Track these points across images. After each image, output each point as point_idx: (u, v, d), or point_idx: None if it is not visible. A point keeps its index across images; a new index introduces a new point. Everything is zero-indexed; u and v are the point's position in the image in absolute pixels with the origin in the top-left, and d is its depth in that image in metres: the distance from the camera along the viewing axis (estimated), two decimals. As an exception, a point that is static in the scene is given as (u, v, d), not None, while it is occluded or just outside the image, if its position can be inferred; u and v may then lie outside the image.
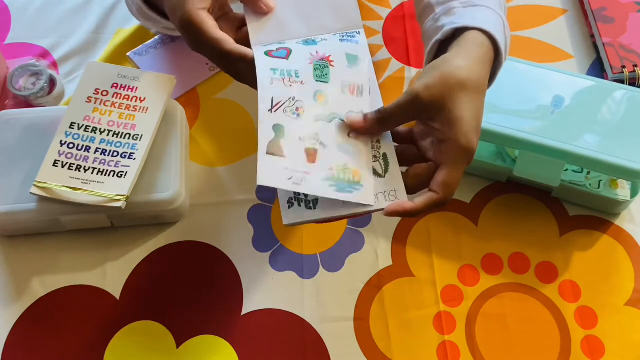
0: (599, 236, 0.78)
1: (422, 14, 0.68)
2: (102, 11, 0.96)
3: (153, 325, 0.73)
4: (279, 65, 0.59)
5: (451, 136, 0.55)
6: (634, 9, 0.93)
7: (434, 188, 0.56)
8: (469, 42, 0.59)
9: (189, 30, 0.58)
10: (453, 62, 0.57)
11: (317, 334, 0.72)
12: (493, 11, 0.62)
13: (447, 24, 0.61)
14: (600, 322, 0.73)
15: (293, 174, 0.55)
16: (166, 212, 0.76)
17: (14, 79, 0.88)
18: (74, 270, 0.75)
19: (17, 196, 0.73)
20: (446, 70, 0.56)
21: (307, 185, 0.55)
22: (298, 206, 0.55)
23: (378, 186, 0.56)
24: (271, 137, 0.56)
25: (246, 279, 0.75)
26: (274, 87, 0.58)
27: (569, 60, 0.92)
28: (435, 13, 0.64)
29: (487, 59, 0.59)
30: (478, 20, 0.60)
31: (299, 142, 0.56)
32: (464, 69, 0.56)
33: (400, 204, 0.55)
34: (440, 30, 0.61)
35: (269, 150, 0.55)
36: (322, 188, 0.55)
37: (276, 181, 0.54)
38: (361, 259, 0.77)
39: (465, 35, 0.59)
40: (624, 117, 0.76)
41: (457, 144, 0.55)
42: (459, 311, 0.73)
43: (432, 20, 0.64)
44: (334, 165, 0.56)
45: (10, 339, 0.72)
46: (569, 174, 0.78)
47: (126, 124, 0.76)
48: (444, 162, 0.56)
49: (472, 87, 0.56)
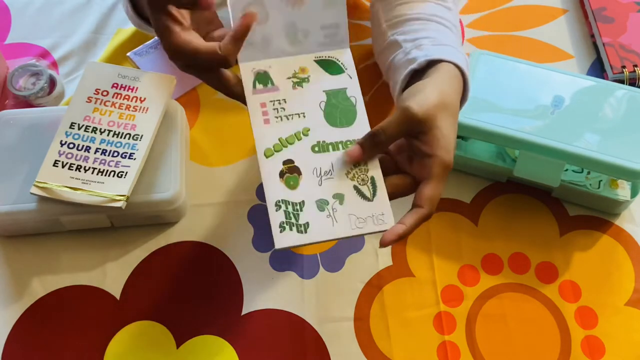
0: (599, 236, 0.78)
1: (385, 50, 0.72)
2: (102, 11, 0.96)
3: (153, 325, 0.73)
4: (266, 98, 0.61)
5: (437, 152, 0.57)
6: (634, 9, 0.93)
7: (420, 203, 0.57)
8: (445, 72, 0.63)
9: (160, 30, 0.58)
10: (438, 86, 0.61)
11: (317, 334, 0.72)
12: (458, 51, 0.67)
13: (420, 56, 0.65)
14: (600, 322, 0.73)
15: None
16: (166, 212, 0.76)
17: (14, 79, 0.88)
18: (74, 270, 0.76)
19: (17, 196, 0.73)
20: (434, 91, 0.59)
21: (328, 230, 0.57)
22: (290, 230, 0.56)
23: (366, 210, 0.57)
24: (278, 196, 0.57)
25: (246, 279, 0.75)
26: (266, 128, 0.60)
27: (569, 60, 0.92)
28: (404, 48, 0.68)
29: (459, 89, 0.64)
30: (450, 55, 0.64)
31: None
32: (447, 94, 0.61)
33: (394, 231, 0.56)
34: (412, 61, 0.65)
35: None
36: (343, 228, 0.57)
37: (295, 239, 0.56)
38: (361, 259, 0.77)
39: (441, 65, 0.63)
40: (624, 117, 0.76)
41: (442, 159, 0.57)
42: (459, 311, 0.73)
43: (403, 54, 0.68)
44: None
45: (10, 339, 0.72)
46: (569, 174, 0.78)
47: (126, 124, 0.76)
48: (428, 177, 0.58)
49: (452, 110, 0.60)
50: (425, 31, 0.69)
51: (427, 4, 0.72)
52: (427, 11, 0.71)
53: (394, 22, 0.72)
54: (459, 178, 0.81)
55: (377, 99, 0.87)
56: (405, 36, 0.69)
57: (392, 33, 0.71)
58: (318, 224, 0.57)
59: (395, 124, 0.57)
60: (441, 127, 0.58)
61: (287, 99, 0.61)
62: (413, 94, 0.59)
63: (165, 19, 0.58)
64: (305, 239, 0.56)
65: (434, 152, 0.57)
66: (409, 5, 0.72)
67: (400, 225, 0.57)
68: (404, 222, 0.57)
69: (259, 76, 0.62)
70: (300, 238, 0.56)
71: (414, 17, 0.70)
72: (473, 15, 0.97)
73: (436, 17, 0.70)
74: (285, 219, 0.57)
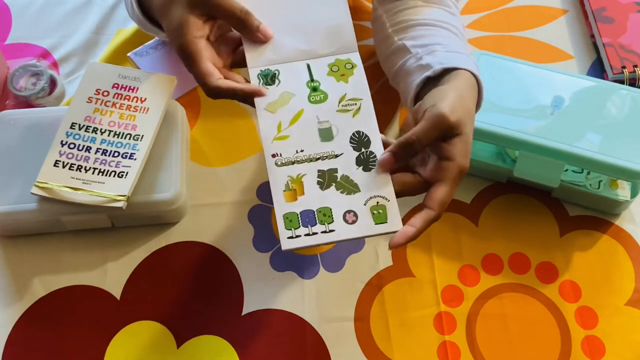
0: (599, 236, 0.78)
1: (392, 54, 0.72)
2: (102, 11, 0.96)
3: (153, 325, 0.73)
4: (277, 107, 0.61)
5: (457, 157, 0.57)
6: (634, 9, 0.93)
7: (430, 205, 0.57)
8: (463, 80, 0.63)
9: (186, 58, 0.62)
10: (461, 93, 0.61)
11: (318, 334, 0.72)
12: (469, 58, 0.67)
13: (435, 63, 0.64)
14: (600, 322, 0.73)
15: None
16: (166, 213, 0.76)
17: (15, 79, 0.88)
18: (74, 270, 0.76)
19: (17, 196, 0.73)
20: (459, 98, 0.59)
21: (338, 232, 0.57)
22: (297, 231, 0.56)
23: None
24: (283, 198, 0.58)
25: (246, 279, 0.75)
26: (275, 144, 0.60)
27: (569, 60, 0.92)
28: (414, 53, 0.68)
29: (475, 96, 0.64)
30: (464, 63, 0.64)
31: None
32: (469, 101, 0.62)
33: (405, 234, 0.56)
34: (426, 68, 0.65)
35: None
36: (352, 229, 0.57)
37: (303, 241, 0.56)
38: (361, 259, 0.77)
39: (458, 73, 0.63)
40: (624, 117, 0.76)
41: (460, 164, 0.58)
42: (459, 311, 0.73)
43: (414, 59, 0.67)
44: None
45: (11, 339, 0.72)
46: (569, 174, 0.78)
47: (127, 125, 0.76)
48: (443, 180, 0.57)
49: (473, 117, 0.61)
50: (434, 37, 0.69)
51: (433, 9, 0.72)
52: (433, 17, 0.71)
53: (400, 26, 0.71)
54: (459, 178, 0.81)
55: (377, 99, 0.87)
56: (414, 41, 0.69)
57: (399, 38, 0.71)
58: (328, 226, 0.57)
59: (429, 131, 0.57)
60: (467, 134, 0.58)
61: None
62: (440, 100, 0.59)
63: (195, 40, 0.61)
64: (312, 240, 0.56)
65: (454, 157, 0.57)
66: (414, 10, 0.72)
67: (410, 227, 0.57)
68: (414, 224, 0.57)
69: (267, 80, 0.62)
70: (307, 240, 0.56)
71: (420, 22, 0.70)
72: (473, 15, 0.97)
73: (442, 23, 0.70)
74: (292, 221, 0.57)
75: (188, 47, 0.61)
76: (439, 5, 0.72)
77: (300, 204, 0.57)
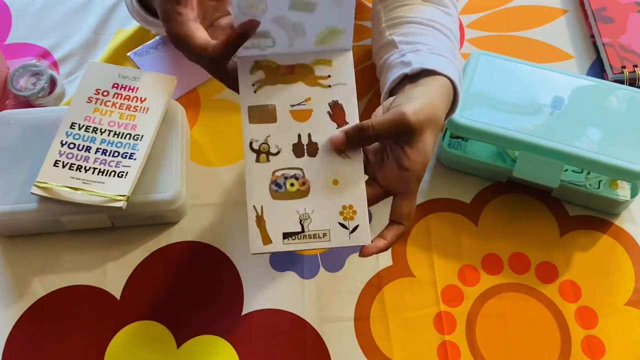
0: (599, 236, 0.78)
1: (381, 48, 0.72)
2: (102, 11, 0.96)
3: (153, 325, 0.73)
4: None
5: (416, 168, 0.58)
6: (634, 9, 0.93)
7: (399, 220, 0.59)
8: (439, 86, 0.63)
9: (178, 40, 0.57)
10: (432, 98, 0.60)
11: (318, 334, 0.72)
12: (452, 63, 0.66)
13: (415, 62, 0.64)
14: (600, 322, 0.73)
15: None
16: (166, 212, 0.76)
17: (15, 79, 0.88)
18: (74, 270, 0.76)
19: (17, 196, 0.73)
20: (428, 103, 0.59)
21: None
22: (264, 236, 0.56)
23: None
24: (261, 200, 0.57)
25: (246, 279, 0.75)
26: (252, 128, 0.60)
27: (569, 60, 0.92)
28: (400, 49, 0.68)
29: (449, 103, 0.64)
30: (444, 68, 0.64)
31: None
32: (438, 108, 0.60)
33: (376, 245, 0.58)
34: (406, 65, 0.65)
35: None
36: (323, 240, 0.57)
37: (270, 247, 0.56)
38: (361, 259, 0.76)
39: (435, 78, 0.63)
40: (624, 117, 0.76)
41: (419, 175, 0.58)
42: (459, 311, 0.73)
43: (398, 55, 0.67)
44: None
45: (11, 339, 0.72)
46: (568, 174, 0.78)
47: (127, 124, 0.76)
48: (404, 192, 0.59)
49: (439, 125, 0.60)
50: (423, 36, 0.69)
51: (429, 7, 0.72)
52: (427, 16, 0.71)
53: (393, 22, 0.72)
54: (459, 178, 0.81)
55: (377, 99, 0.87)
56: (402, 37, 0.69)
57: (390, 33, 0.71)
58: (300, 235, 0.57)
59: (386, 124, 0.57)
60: (427, 141, 0.58)
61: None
62: (407, 100, 0.59)
63: (171, 4, 0.56)
64: (282, 247, 0.56)
65: (413, 167, 0.58)
66: (409, 8, 0.72)
67: (382, 240, 0.59)
68: (385, 237, 0.59)
69: (255, 70, 0.61)
70: (277, 246, 0.56)
71: (414, 20, 0.71)
72: (473, 15, 0.97)
73: (435, 23, 0.70)
74: (261, 226, 0.57)
75: (167, 3, 0.57)
76: (436, 5, 0.72)
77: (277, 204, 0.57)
